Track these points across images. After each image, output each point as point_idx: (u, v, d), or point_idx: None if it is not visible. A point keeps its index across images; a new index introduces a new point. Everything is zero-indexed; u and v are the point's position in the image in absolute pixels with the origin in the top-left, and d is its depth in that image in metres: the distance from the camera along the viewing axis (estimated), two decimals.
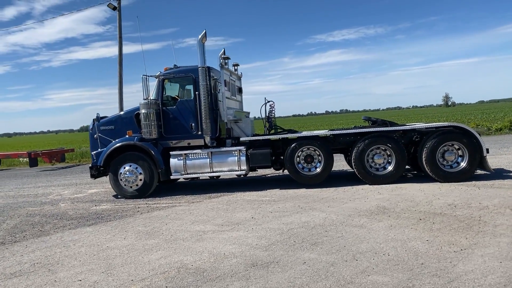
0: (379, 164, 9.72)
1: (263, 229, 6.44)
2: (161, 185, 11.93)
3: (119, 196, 10.46)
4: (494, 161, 11.45)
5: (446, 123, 9.91)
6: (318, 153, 9.88)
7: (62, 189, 12.82)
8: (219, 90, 10.54)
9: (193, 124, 10.21)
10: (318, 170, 9.86)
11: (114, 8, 25.45)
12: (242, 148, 10.07)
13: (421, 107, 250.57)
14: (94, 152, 10.67)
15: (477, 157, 9.28)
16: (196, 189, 11.08)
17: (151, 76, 10.36)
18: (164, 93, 10.45)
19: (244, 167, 10.00)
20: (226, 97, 10.37)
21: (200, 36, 9.93)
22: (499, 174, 9.95)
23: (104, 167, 10.48)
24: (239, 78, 12.51)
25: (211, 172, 10.20)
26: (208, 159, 10.12)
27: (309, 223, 6.61)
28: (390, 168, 9.60)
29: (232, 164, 10.05)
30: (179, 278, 4.66)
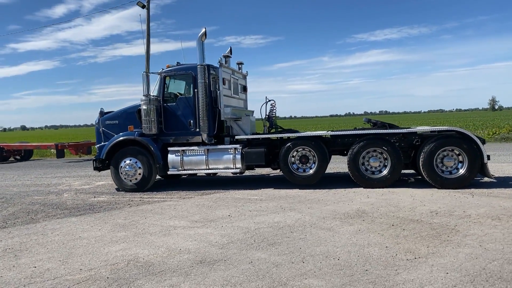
0: (375, 167, 9.49)
1: (232, 227, 6.48)
2: (167, 180, 12.21)
3: (120, 190, 10.77)
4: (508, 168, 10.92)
5: (445, 127, 9.56)
6: (312, 154, 9.78)
7: (74, 180, 13.36)
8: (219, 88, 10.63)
9: (191, 121, 10.37)
10: (311, 171, 9.77)
11: (143, 6, 26.03)
12: (238, 146, 10.13)
13: (465, 110, 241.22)
14: (98, 145, 11.06)
15: (477, 164, 8.88)
16: (196, 185, 11.24)
17: (152, 73, 10.61)
18: (165, 90, 10.67)
19: (239, 165, 10.05)
20: (225, 95, 10.45)
21: (199, 35, 10.05)
22: (505, 182, 9.48)
23: (107, 161, 10.83)
24: (244, 77, 12.56)
25: (207, 169, 10.33)
26: (205, 156, 10.24)
27: (279, 224, 6.59)
28: (385, 172, 9.37)
29: (227, 162, 10.13)
30: (124, 270, 4.79)
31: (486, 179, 10.07)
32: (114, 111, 11.34)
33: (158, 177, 12.29)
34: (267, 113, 11.18)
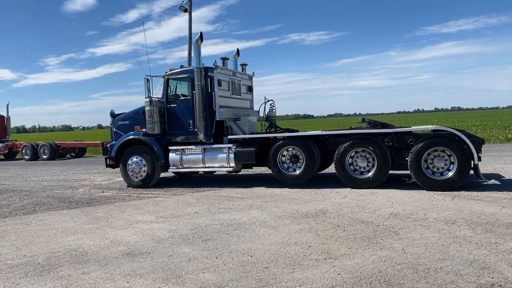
0: (364, 168, 9.36)
1: (187, 223, 6.85)
2: (180, 178, 12.83)
3: (128, 186, 11.55)
4: None
5: (433, 126, 9.18)
6: (302, 154, 9.84)
7: (99, 176, 14.47)
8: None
9: (190, 121, 10.88)
10: (297, 172, 9.86)
11: (185, 10, 27.22)
12: (232, 145, 10.46)
13: None
14: (109, 144, 11.96)
15: (467, 165, 8.47)
16: (199, 183, 11.73)
17: (155, 76, 11.27)
18: (169, 92, 11.27)
19: (232, 164, 10.38)
20: (222, 96, 10.82)
21: (195, 38, 10.52)
22: (507, 185, 8.93)
23: (117, 158, 11.68)
24: (250, 78, 12.83)
25: (204, 168, 10.79)
26: (201, 155, 10.71)
27: (232, 221, 6.85)
28: (370, 173, 9.21)
29: (222, 161, 10.51)
30: (58, 258, 5.35)
31: (493, 180, 9.55)
32: (125, 112, 12.17)
33: (171, 174, 13.02)
34: (266, 113, 11.39)
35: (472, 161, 8.47)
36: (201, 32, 10.54)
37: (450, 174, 8.57)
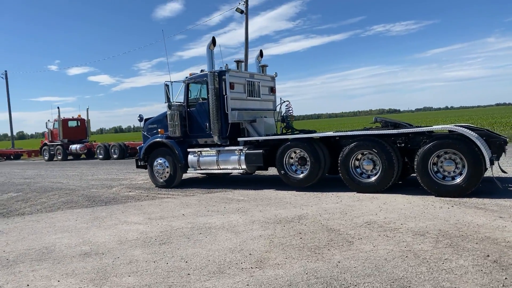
0: (371, 171, 8.90)
1: (162, 226, 7.11)
2: (208, 178, 13.23)
3: (155, 186, 12.19)
4: None
5: (440, 126, 8.39)
6: (307, 156, 9.63)
7: (142, 176, 15.40)
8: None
9: (207, 124, 11.17)
10: (301, 175, 9.67)
11: (242, 12, 27.71)
12: (244, 147, 10.55)
13: None
14: (139, 146, 12.72)
15: (478, 170, 7.65)
16: (219, 184, 11.98)
17: (176, 81, 11.74)
18: (189, 96, 11.68)
19: (243, 166, 10.48)
20: (236, 99, 10.96)
21: (208, 43, 10.79)
22: None
23: (146, 160, 12.39)
24: (273, 79, 12.76)
25: (218, 169, 11.02)
26: (216, 157, 10.95)
27: (206, 224, 6.98)
28: (374, 177, 8.72)
29: (234, 163, 10.66)
30: (28, 254, 5.92)
31: None
32: (154, 116, 12.84)
33: (200, 174, 13.46)
34: (282, 114, 11.29)
35: (483, 165, 7.64)
36: (213, 37, 10.77)
37: (459, 179, 7.81)
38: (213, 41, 10.77)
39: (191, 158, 11.35)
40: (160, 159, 11.89)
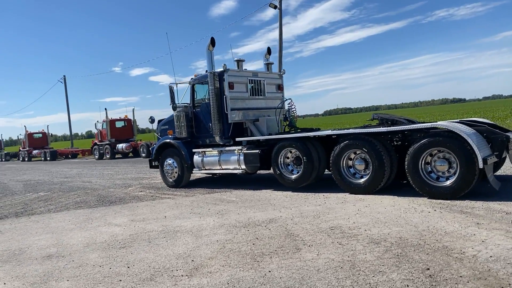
0: (363, 171, 8.49)
1: (135, 229, 7.23)
2: (218, 178, 13.32)
3: (166, 186, 12.47)
4: None
5: (429, 123, 7.75)
6: (301, 156, 9.36)
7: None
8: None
9: (210, 125, 11.23)
10: (293, 176, 9.42)
11: (275, 7, 27.43)
12: (243, 147, 10.48)
13: None
14: (151, 147, 13.05)
15: (471, 169, 7.02)
16: (225, 184, 12.01)
17: (181, 83, 11.90)
18: (195, 97, 11.80)
19: (243, 166, 10.41)
20: (236, 98, 10.89)
21: (207, 45, 10.80)
22: None
23: (158, 160, 12.70)
24: (280, 76, 12.52)
25: (221, 169, 11.04)
26: (218, 157, 10.98)
27: (177, 228, 7.02)
28: (364, 177, 8.30)
29: (234, 163, 10.62)
30: (2, 255, 6.30)
31: None
32: (166, 117, 13.11)
33: (208, 175, 13.55)
34: (285, 113, 11.07)
35: (476, 164, 7.00)
36: (212, 38, 10.76)
37: (448, 181, 7.24)
38: (212, 42, 10.76)
39: (196, 158, 11.47)
40: (169, 160, 12.14)
